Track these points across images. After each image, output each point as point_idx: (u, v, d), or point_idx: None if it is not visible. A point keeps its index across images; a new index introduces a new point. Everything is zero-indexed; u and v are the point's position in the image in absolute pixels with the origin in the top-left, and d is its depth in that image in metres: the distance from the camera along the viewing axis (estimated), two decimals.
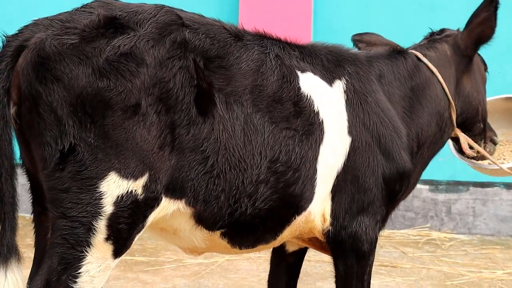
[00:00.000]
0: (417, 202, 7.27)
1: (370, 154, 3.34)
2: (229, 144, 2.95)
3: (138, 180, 2.79)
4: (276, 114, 3.09)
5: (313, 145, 3.17)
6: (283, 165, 3.08)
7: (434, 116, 3.66)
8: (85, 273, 2.78)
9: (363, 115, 3.36)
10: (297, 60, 3.29)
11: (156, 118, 2.80)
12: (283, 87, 3.15)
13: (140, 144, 2.77)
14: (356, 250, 3.37)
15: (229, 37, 3.10)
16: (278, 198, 3.09)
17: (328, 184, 3.25)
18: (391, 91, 3.56)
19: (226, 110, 2.96)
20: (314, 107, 3.20)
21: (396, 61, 3.67)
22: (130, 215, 2.80)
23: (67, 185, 2.73)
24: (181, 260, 5.93)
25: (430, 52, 3.78)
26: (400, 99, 3.58)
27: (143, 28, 2.85)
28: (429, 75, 3.70)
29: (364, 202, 3.33)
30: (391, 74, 3.60)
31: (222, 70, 3.01)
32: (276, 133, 3.07)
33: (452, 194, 7.27)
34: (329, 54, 3.44)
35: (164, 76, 2.82)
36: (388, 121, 3.42)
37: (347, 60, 3.47)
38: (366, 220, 3.35)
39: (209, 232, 3.08)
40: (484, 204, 7.27)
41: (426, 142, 3.64)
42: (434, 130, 3.67)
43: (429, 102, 3.66)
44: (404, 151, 3.45)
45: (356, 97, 3.38)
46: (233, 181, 2.97)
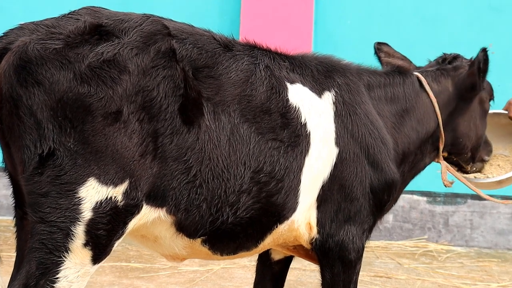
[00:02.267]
0: (415, 213, 7.31)
1: (358, 165, 3.38)
2: (213, 154, 2.99)
3: (118, 187, 2.82)
4: (263, 125, 3.13)
5: (298, 156, 3.21)
6: (266, 176, 3.12)
7: (421, 141, 3.75)
8: (63, 279, 2.79)
9: (351, 126, 3.40)
10: (286, 71, 3.33)
11: (138, 126, 2.83)
12: (272, 98, 3.19)
13: (121, 151, 2.80)
14: (343, 258, 3.41)
15: (218, 47, 3.14)
16: (260, 208, 3.14)
17: (313, 194, 3.30)
18: (381, 105, 3.62)
19: (213, 120, 3.00)
20: (301, 119, 3.24)
21: (392, 80, 3.74)
22: (109, 221, 2.82)
23: (46, 190, 2.74)
24: (176, 267, 5.95)
25: (433, 84, 3.86)
26: (390, 115, 3.65)
27: (127, 36, 2.88)
28: (428, 104, 3.78)
29: (351, 211, 3.38)
30: (382, 90, 3.66)
31: (211, 80, 3.05)
32: (262, 144, 3.11)
33: (450, 206, 7.32)
34: (319, 65, 3.48)
35: (148, 84, 2.85)
36: (377, 133, 3.47)
37: (337, 71, 3.51)
38: (353, 229, 3.40)
39: (190, 239, 3.12)
40: (482, 216, 7.31)
41: (408, 161, 3.72)
42: (419, 153, 3.76)
43: (420, 126, 3.74)
44: (392, 162, 3.51)
45: (345, 108, 3.42)
46: (215, 190, 3.01)
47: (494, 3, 7.11)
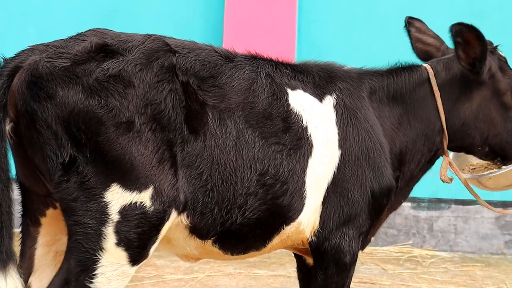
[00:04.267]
0: (399, 219, 7.35)
1: (359, 168, 3.48)
2: (221, 159, 3.16)
3: (143, 192, 3.01)
4: (266, 130, 3.28)
5: (301, 158, 3.34)
6: (271, 178, 3.27)
7: (421, 137, 3.73)
8: (101, 275, 3.00)
9: (352, 129, 3.51)
10: (288, 78, 3.47)
11: (152, 135, 3.02)
12: (273, 104, 3.35)
13: (139, 159, 2.99)
14: (338, 261, 3.48)
15: (220, 59, 3.33)
16: (266, 209, 3.28)
17: (318, 196, 3.41)
18: (381, 107, 3.67)
19: (219, 126, 3.18)
20: (302, 122, 3.38)
21: (395, 78, 3.74)
22: (138, 225, 3.01)
23: (75, 195, 2.96)
24: (160, 276, 5.97)
25: (442, 73, 3.80)
26: (389, 115, 3.68)
27: (131, 54, 3.10)
28: (430, 97, 3.74)
29: (351, 214, 3.46)
30: (383, 91, 3.70)
31: (216, 89, 3.23)
32: (266, 147, 3.26)
33: (434, 211, 7.34)
34: (321, 71, 3.60)
35: (155, 98, 3.05)
36: (376, 137, 3.56)
37: (338, 77, 3.62)
38: (350, 232, 3.48)
39: (202, 241, 3.27)
40: (466, 221, 7.35)
41: (410, 160, 3.72)
42: (421, 150, 3.74)
43: (418, 123, 3.71)
44: (389, 166, 3.60)
45: (346, 113, 3.52)
46: (225, 193, 3.18)
47: (476, 9, 7.23)
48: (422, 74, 3.77)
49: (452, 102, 3.76)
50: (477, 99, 3.78)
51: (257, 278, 6.08)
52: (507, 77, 3.81)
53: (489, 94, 3.79)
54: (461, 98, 3.78)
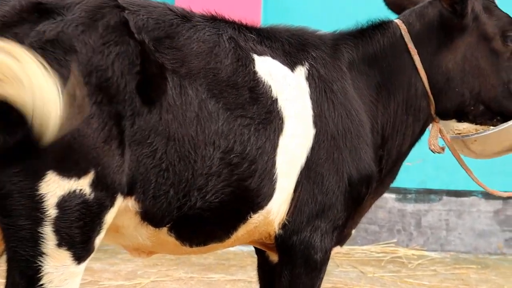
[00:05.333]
0: (382, 213, 7.34)
1: (336, 150, 3.49)
2: (179, 134, 3.16)
3: (83, 178, 2.96)
4: (231, 100, 3.29)
5: (271, 135, 3.35)
6: (237, 156, 3.28)
7: (402, 106, 3.75)
8: (49, 284, 2.96)
9: (328, 105, 3.52)
10: (253, 43, 3.49)
11: (96, 109, 2.97)
12: (239, 71, 3.36)
13: (79, 139, 2.94)
14: (307, 258, 3.49)
15: (175, 18, 3.32)
16: (231, 192, 3.29)
17: (290, 181, 3.43)
18: (359, 77, 3.70)
19: (179, 95, 3.17)
20: (272, 93, 3.39)
21: (370, 39, 3.77)
22: (79, 217, 2.97)
23: (5, 191, 2.89)
24: (97, 282, 5.96)
25: (416, 22, 3.77)
26: (367, 86, 3.71)
27: (71, 13, 3.03)
28: (406, 56, 3.74)
29: (325, 204, 3.48)
30: (359, 58, 3.73)
31: (174, 51, 3.22)
32: (231, 121, 3.27)
33: (422, 204, 7.32)
34: (291, 38, 3.61)
35: (101, 64, 3.01)
36: (355, 114, 3.58)
37: (311, 44, 3.64)
38: (323, 226, 3.49)
39: (155, 228, 3.27)
40: (459, 216, 7.33)
41: (394, 135, 3.76)
42: (405, 120, 3.77)
43: (398, 90, 3.73)
44: (369, 148, 3.62)
45: (321, 85, 3.54)
46: (182, 173, 3.18)
47: None
48: (394, 32, 3.77)
49: (431, 56, 3.74)
50: (461, 49, 3.74)
51: (213, 284, 6.09)
52: (494, 18, 3.78)
53: (475, 41, 3.75)
54: (442, 50, 3.74)
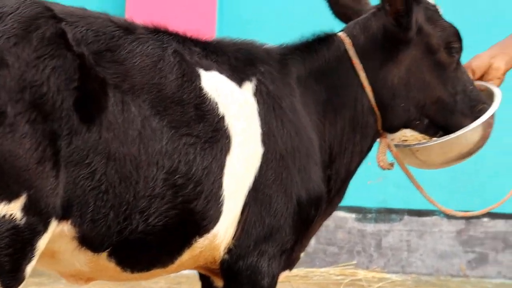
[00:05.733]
0: (341, 234, 7.38)
1: (284, 170, 3.51)
2: (120, 154, 3.13)
3: (13, 202, 2.92)
4: (176, 118, 3.28)
5: (218, 154, 3.36)
6: (182, 177, 3.26)
7: (349, 123, 3.79)
8: None
9: (276, 122, 3.54)
10: (199, 57, 3.50)
11: (30, 128, 2.93)
12: (184, 86, 3.35)
13: (9, 161, 2.90)
14: (254, 284, 3.49)
15: (117, 30, 3.30)
16: (175, 215, 3.27)
17: (238, 203, 3.44)
18: (307, 94, 3.73)
19: (121, 112, 3.15)
20: (219, 111, 3.40)
21: (316, 54, 3.80)
22: (8, 244, 2.93)
23: None
24: None
25: (360, 36, 3.83)
26: (315, 102, 3.74)
27: (2, 24, 2.99)
28: (351, 72, 3.79)
29: (273, 227, 3.49)
30: (306, 73, 3.76)
31: (116, 65, 3.20)
32: (176, 140, 3.26)
33: (383, 224, 7.38)
34: (238, 52, 3.64)
35: (35, 79, 2.96)
36: (304, 132, 3.61)
37: (259, 59, 3.66)
38: (270, 250, 3.50)
39: (94, 253, 3.25)
40: (421, 236, 7.39)
41: (342, 154, 3.79)
42: (353, 138, 3.80)
43: (344, 107, 3.76)
44: (318, 168, 3.65)
45: (269, 101, 3.56)
46: (123, 195, 3.16)
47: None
48: (339, 46, 3.81)
49: (377, 71, 3.77)
50: (405, 62, 3.78)
51: None
52: (439, 28, 3.83)
53: (419, 53, 3.80)
54: (387, 64, 3.78)
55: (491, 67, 4.06)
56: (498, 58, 4.06)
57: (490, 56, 4.07)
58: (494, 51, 4.10)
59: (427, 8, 3.83)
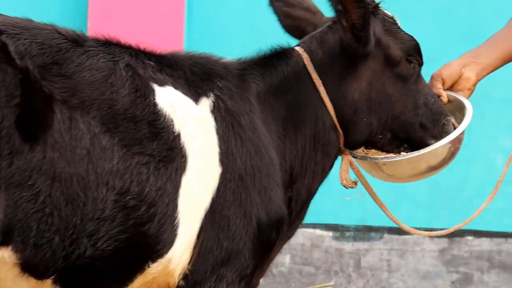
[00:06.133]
0: (318, 253, 7.35)
1: (244, 191, 3.51)
2: (66, 174, 3.11)
3: None
4: (128, 136, 3.26)
5: (173, 174, 3.34)
6: (134, 199, 3.24)
7: (310, 141, 3.82)
8: None
9: (235, 141, 3.55)
10: (153, 71, 3.49)
11: None
12: (137, 102, 3.33)
13: None
14: None
15: (64, 42, 3.29)
16: (127, 239, 3.25)
17: (194, 226, 3.43)
18: (266, 110, 3.75)
19: (68, 130, 3.13)
20: (174, 128, 3.39)
21: (275, 70, 3.83)
22: None
23: None
24: None
25: (318, 50, 3.88)
26: (274, 120, 3.76)
27: None
28: (311, 87, 3.82)
29: (232, 251, 3.49)
30: (266, 89, 3.78)
31: (63, 79, 3.18)
32: (128, 159, 3.24)
33: (362, 243, 7.36)
34: (194, 66, 3.64)
35: None
36: (264, 151, 3.62)
37: (216, 73, 3.67)
38: (228, 275, 3.50)
39: (38, 281, 3.22)
40: (402, 256, 7.39)
41: (303, 174, 3.82)
42: (314, 157, 3.84)
43: (305, 124, 3.79)
44: (280, 188, 3.67)
45: (228, 118, 3.57)
46: (70, 218, 3.13)
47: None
48: (297, 61, 3.85)
49: (337, 87, 3.81)
50: (366, 76, 3.84)
51: None
52: (398, 41, 3.90)
53: (379, 66, 3.86)
54: (347, 79, 3.82)
55: (461, 77, 4.09)
56: (469, 67, 4.10)
57: (461, 65, 4.10)
58: (466, 60, 4.14)
59: (385, 19, 3.88)
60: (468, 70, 4.08)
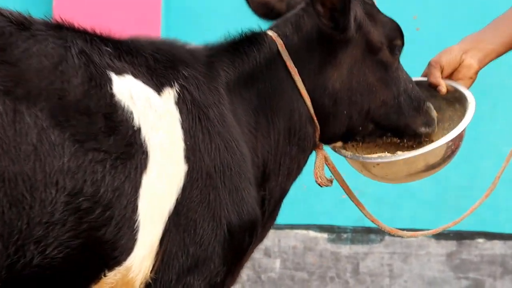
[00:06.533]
0: (312, 257, 7.33)
1: (212, 190, 3.52)
2: (10, 173, 3.09)
3: None
4: (80, 130, 3.24)
5: (132, 173, 3.32)
6: (88, 200, 3.23)
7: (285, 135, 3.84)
8: None
9: (203, 135, 3.54)
10: (110, 58, 3.48)
11: None
12: (91, 93, 3.32)
13: None
14: None
15: (8, 25, 3.28)
16: (80, 245, 3.23)
17: (156, 230, 3.42)
18: (237, 101, 3.77)
19: (12, 123, 3.11)
20: (133, 122, 3.37)
21: (247, 57, 3.84)
22: None
23: None
24: None
25: (293, 35, 3.89)
26: (245, 112, 3.78)
27: None
28: (285, 76, 3.84)
29: (199, 257, 3.49)
30: (236, 78, 3.80)
31: (7, 67, 3.17)
32: (80, 156, 3.22)
33: (361, 246, 7.36)
34: (156, 52, 3.63)
35: None
36: (235, 146, 3.62)
37: (182, 61, 3.67)
38: (196, 284, 3.51)
39: None
40: (405, 260, 7.38)
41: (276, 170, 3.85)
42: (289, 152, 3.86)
43: (278, 116, 3.81)
44: (252, 186, 3.68)
45: (194, 111, 3.56)
46: (14, 223, 3.11)
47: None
48: (271, 47, 3.87)
49: (315, 76, 3.85)
50: (346, 64, 3.87)
51: None
52: (380, 25, 3.96)
53: (360, 53, 3.90)
54: (326, 67, 3.86)
55: (462, 65, 4.11)
56: (471, 54, 4.12)
57: (462, 51, 4.12)
58: (467, 45, 4.15)
59: (365, 2, 3.93)
60: (470, 57, 4.09)
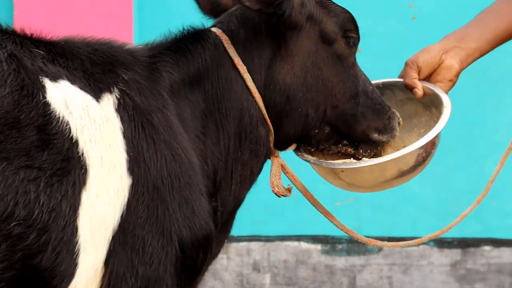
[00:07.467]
0: (304, 270, 7.35)
1: (160, 204, 3.49)
2: None
3: None
4: (8, 146, 3.20)
5: (69, 191, 3.28)
6: (20, 225, 3.18)
7: (236, 138, 3.83)
8: None
9: (147, 145, 3.52)
10: (43, 62, 3.44)
11: None
12: (22, 103, 3.27)
13: None
14: None
15: None
16: (13, 277, 3.20)
17: (99, 251, 3.39)
18: (183, 105, 3.75)
19: None
20: (70, 133, 3.33)
21: (191, 55, 3.83)
22: None
23: None
24: None
25: (239, 30, 3.90)
26: (192, 116, 3.77)
27: None
28: (234, 74, 3.82)
29: (150, 278, 3.47)
30: (180, 79, 3.78)
31: None
32: (10, 175, 3.18)
33: (357, 257, 7.37)
34: (93, 54, 3.61)
35: None
36: (184, 155, 3.60)
37: (121, 63, 3.65)
38: None
39: None
40: (406, 272, 7.38)
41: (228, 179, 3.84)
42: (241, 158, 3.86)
43: (228, 119, 3.81)
44: (204, 197, 3.65)
45: (137, 118, 3.53)
46: None
47: None
48: (216, 44, 3.87)
49: (265, 71, 3.85)
50: (298, 56, 3.88)
51: None
52: (333, 14, 3.94)
53: (313, 45, 3.90)
54: (276, 61, 3.85)
55: (441, 66, 4.07)
56: (452, 53, 4.09)
57: (443, 50, 4.08)
58: (448, 44, 4.11)
59: None
60: (450, 57, 4.05)
